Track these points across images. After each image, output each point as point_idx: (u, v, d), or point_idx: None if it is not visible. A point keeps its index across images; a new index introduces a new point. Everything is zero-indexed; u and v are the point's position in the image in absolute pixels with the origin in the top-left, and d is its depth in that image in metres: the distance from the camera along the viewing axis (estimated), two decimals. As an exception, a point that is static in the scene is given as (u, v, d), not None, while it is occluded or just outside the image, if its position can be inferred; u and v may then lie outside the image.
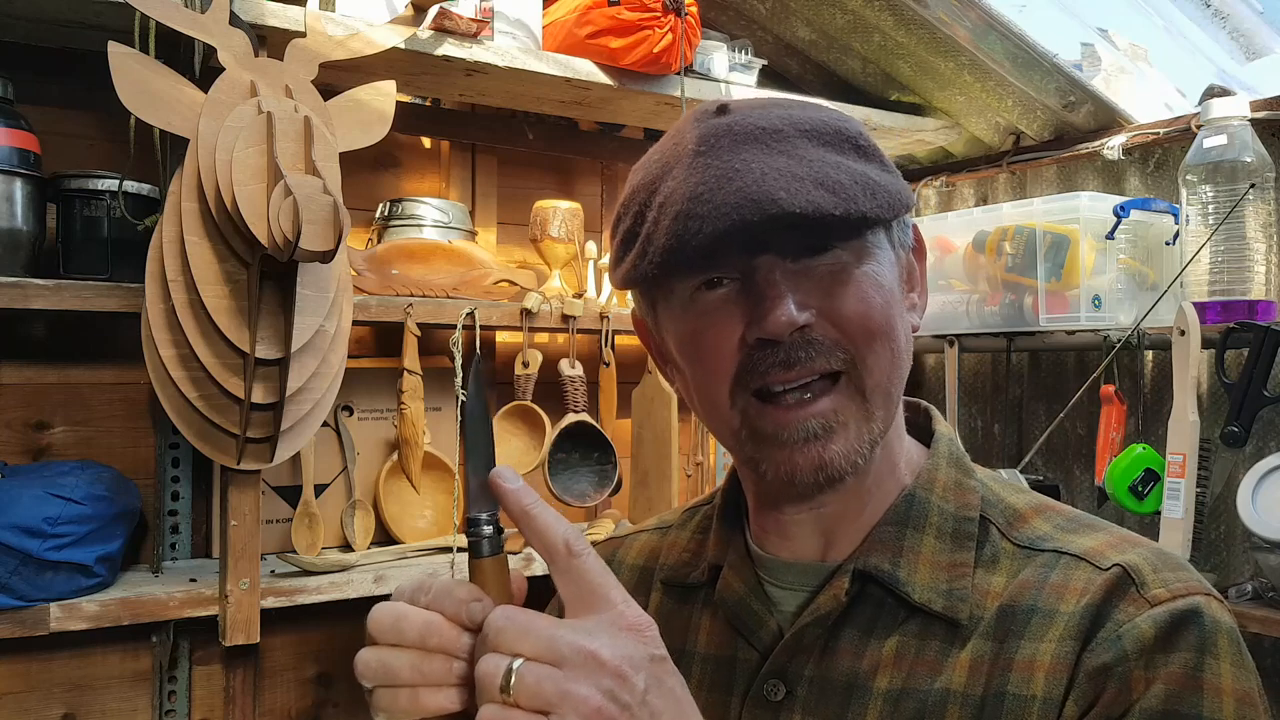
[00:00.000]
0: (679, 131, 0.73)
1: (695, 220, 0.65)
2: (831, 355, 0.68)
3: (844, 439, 0.69)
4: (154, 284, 1.34)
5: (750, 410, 0.70)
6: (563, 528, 0.58)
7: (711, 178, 0.66)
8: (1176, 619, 0.65)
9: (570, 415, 1.81)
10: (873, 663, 0.70)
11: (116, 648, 1.63)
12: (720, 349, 0.70)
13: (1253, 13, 1.96)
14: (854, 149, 0.70)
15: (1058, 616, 0.67)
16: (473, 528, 0.61)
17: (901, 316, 0.73)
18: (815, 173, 0.66)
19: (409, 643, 0.58)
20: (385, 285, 1.68)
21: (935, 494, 0.75)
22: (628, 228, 0.72)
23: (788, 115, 0.70)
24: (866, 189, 0.67)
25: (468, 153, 2.00)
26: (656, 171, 0.71)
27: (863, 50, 2.02)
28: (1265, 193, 1.58)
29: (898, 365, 0.72)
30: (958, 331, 1.94)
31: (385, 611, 0.60)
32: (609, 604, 0.57)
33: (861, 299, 0.69)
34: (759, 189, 0.64)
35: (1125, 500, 1.61)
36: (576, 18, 1.71)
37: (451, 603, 0.59)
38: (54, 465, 1.51)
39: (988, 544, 0.73)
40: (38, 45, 1.56)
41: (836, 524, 0.75)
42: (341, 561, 1.62)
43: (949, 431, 0.81)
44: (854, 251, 0.70)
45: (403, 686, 0.58)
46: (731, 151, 0.68)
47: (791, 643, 0.73)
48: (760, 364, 0.68)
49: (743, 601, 0.77)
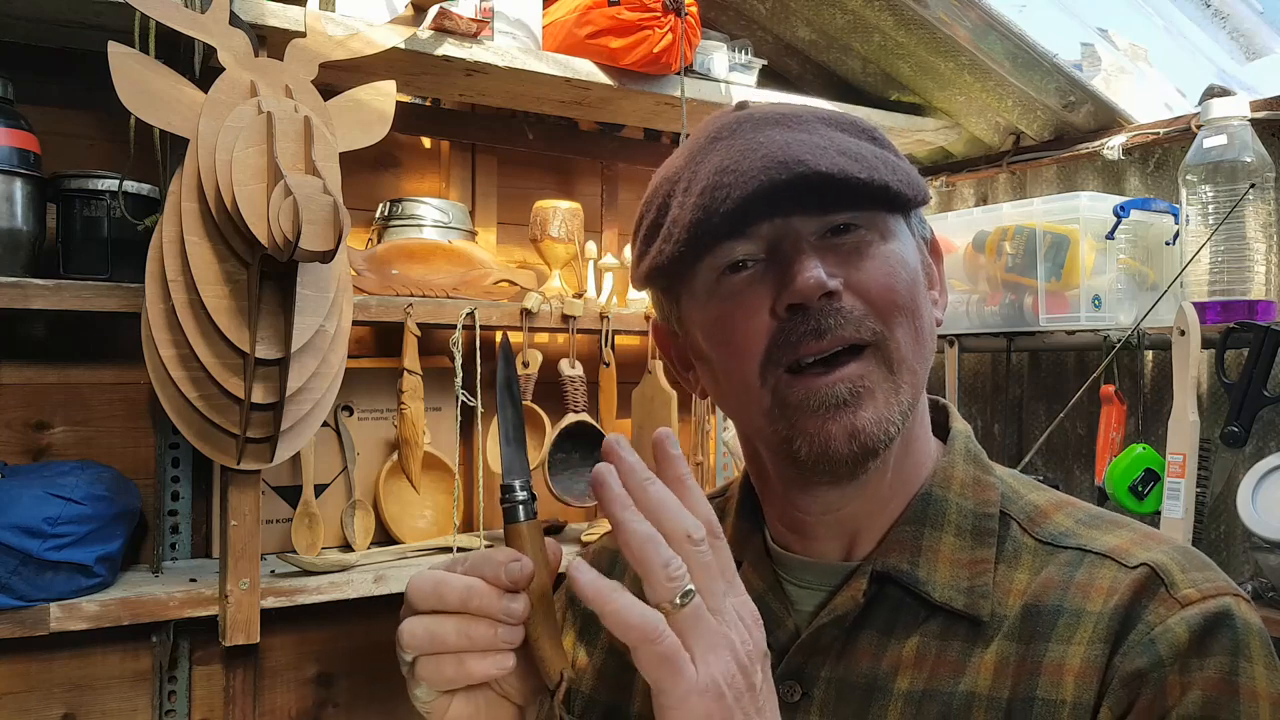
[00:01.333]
0: (699, 130, 0.75)
1: (722, 190, 0.66)
2: (861, 325, 0.69)
3: (873, 406, 0.69)
4: (154, 284, 1.34)
5: (780, 385, 0.70)
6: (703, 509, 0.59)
7: (736, 153, 0.68)
8: (1209, 621, 0.64)
9: (570, 415, 1.81)
10: (893, 663, 0.70)
11: (116, 648, 1.63)
12: (750, 327, 0.70)
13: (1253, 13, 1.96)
14: (870, 139, 0.73)
15: (1085, 617, 0.67)
16: (507, 494, 0.62)
17: (926, 299, 0.73)
18: (838, 145, 0.68)
19: (451, 607, 0.59)
20: (385, 285, 1.68)
21: (953, 491, 0.75)
22: (651, 221, 0.73)
23: (805, 107, 0.74)
24: (887, 165, 0.69)
25: (468, 153, 2.00)
26: (680, 164, 0.73)
27: (863, 50, 2.02)
28: (1265, 193, 1.58)
29: (922, 344, 0.72)
30: (958, 331, 1.94)
31: (425, 579, 0.60)
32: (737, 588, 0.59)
33: (887, 273, 0.70)
34: (785, 153, 0.66)
35: (1125, 500, 1.61)
36: (576, 18, 1.71)
37: (491, 566, 0.59)
38: (54, 465, 1.51)
39: (1009, 540, 0.73)
40: (38, 45, 1.56)
41: (860, 523, 0.75)
42: (341, 561, 1.62)
43: (966, 429, 0.80)
44: (878, 229, 0.71)
45: (448, 654, 0.59)
46: (754, 131, 0.70)
47: (808, 643, 0.72)
48: (792, 334, 0.69)
49: (761, 600, 0.75)
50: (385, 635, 0.96)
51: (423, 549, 1.74)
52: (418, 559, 1.71)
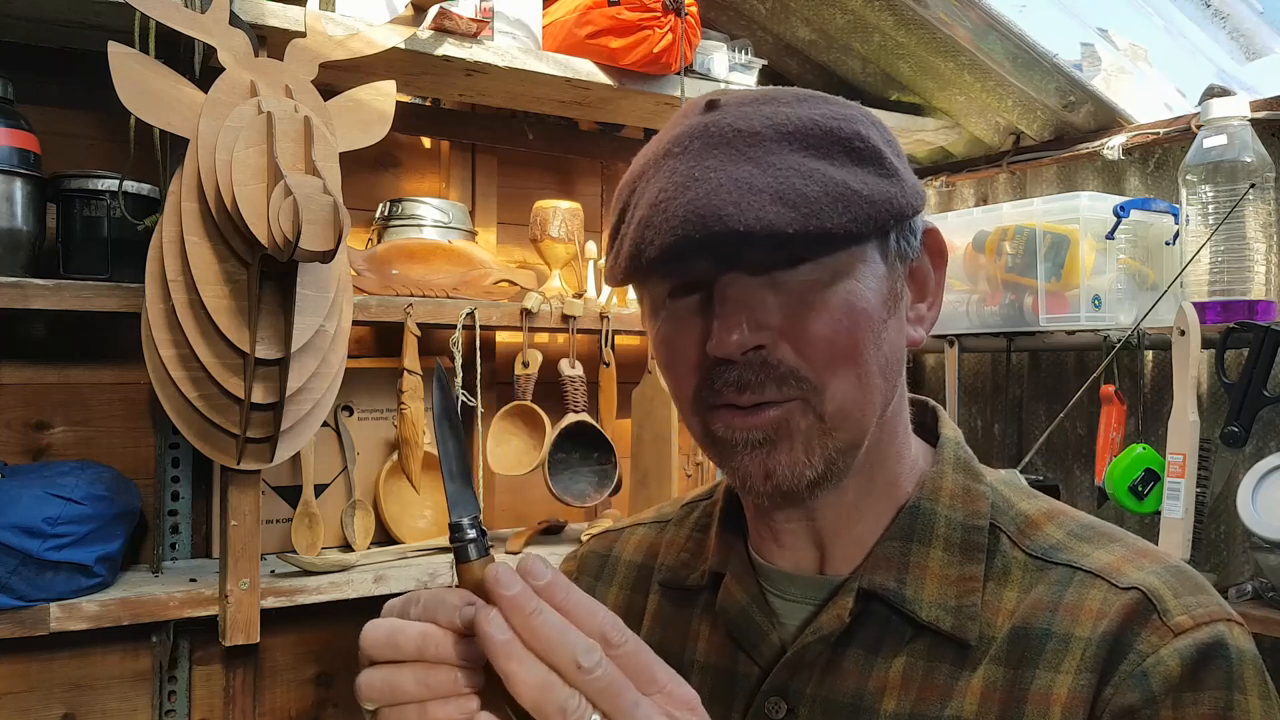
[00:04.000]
0: (668, 125, 0.72)
1: (651, 230, 0.64)
2: (785, 383, 0.66)
3: (789, 452, 0.66)
4: (154, 284, 1.34)
5: (706, 416, 0.69)
6: (600, 619, 0.54)
7: (672, 185, 0.65)
8: (1203, 652, 0.63)
9: (570, 415, 1.81)
10: (879, 684, 0.68)
11: (116, 648, 1.63)
12: (684, 360, 0.69)
13: (1253, 13, 1.96)
14: (845, 152, 0.66)
15: (1074, 642, 0.65)
16: (456, 533, 0.59)
17: (876, 339, 0.68)
18: (778, 184, 0.63)
19: (408, 656, 0.56)
20: (385, 285, 1.68)
21: (942, 503, 0.73)
22: (614, 224, 0.72)
23: (775, 113, 0.67)
24: (840, 201, 0.63)
25: (468, 153, 2.00)
26: (640, 167, 0.71)
27: (863, 50, 2.02)
28: (1265, 193, 1.58)
29: (866, 390, 0.68)
30: (958, 331, 1.94)
31: (378, 629, 0.58)
32: (658, 684, 0.55)
33: (828, 322, 0.66)
34: (707, 203, 0.62)
35: (1125, 500, 1.61)
36: (576, 18, 1.71)
37: (445, 610, 0.57)
38: (54, 465, 1.51)
39: (998, 554, 0.71)
40: (38, 45, 1.56)
41: (829, 535, 0.73)
42: (341, 561, 1.62)
43: (956, 434, 0.78)
44: (830, 268, 0.66)
45: (409, 703, 0.56)
46: (699, 156, 0.65)
47: (793, 660, 0.71)
48: (716, 380, 0.67)
49: (745, 613, 0.75)
50: (385, 635, 0.95)
51: (423, 549, 1.74)
52: (418, 559, 1.71)
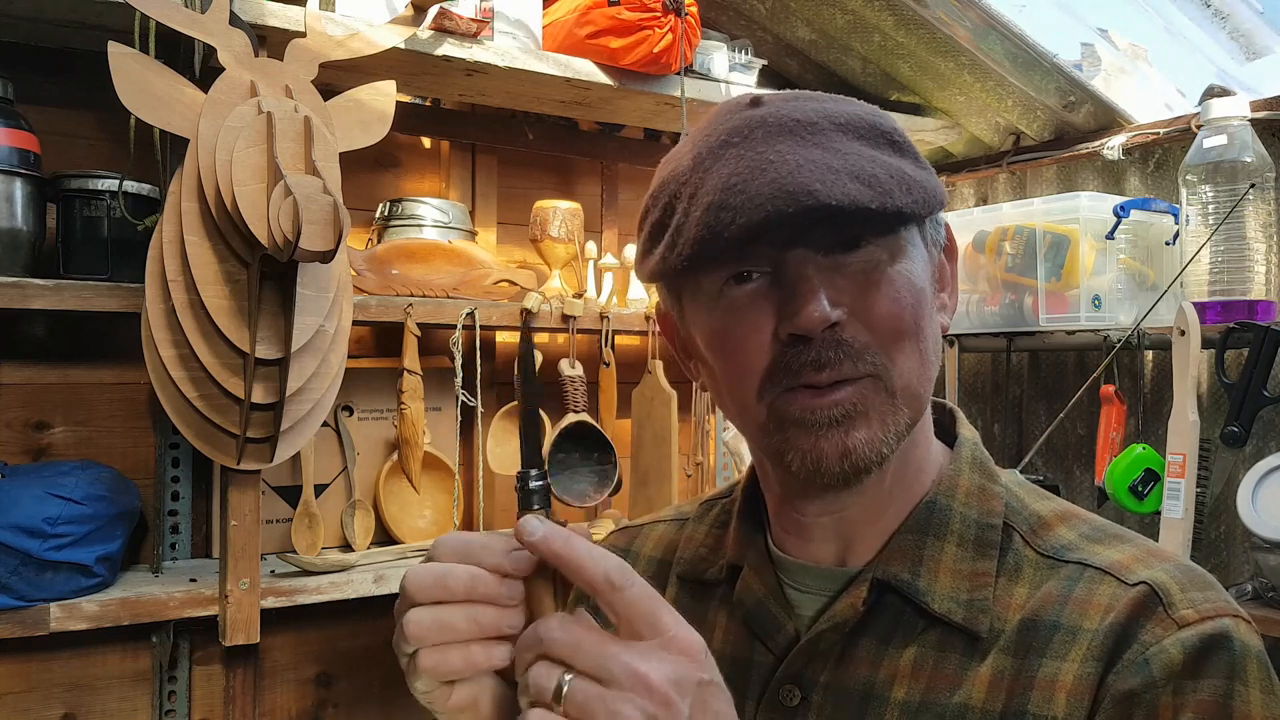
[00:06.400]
0: (710, 124, 0.72)
1: (729, 211, 0.64)
2: (861, 359, 0.67)
3: (867, 427, 0.68)
4: (154, 284, 1.34)
5: (777, 400, 0.69)
6: (603, 564, 0.56)
7: (745, 168, 0.65)
8: (1206, 643, 0.64)
9: (570, 415, 1.81)
10: (890, 673, 0.70)
11: (116, 648, 1.63)
12: (751, 345, 0.69)
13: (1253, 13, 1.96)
14: (889, 144, 0.69)
15: (1081, 634, 0.66)
16: (520, 482, 0.64)
17: (932, 317, 0.71)
18: (850, 165, 0.65)
19: (457, 596, 0.58)
20: (385, 285, 1.68)
21: (958, 500, 0.74)
22: (656, 219, 0.71)
23: (822, 108, 0.69)
24: (902, 184, 0.66)
25: (468, 153, 2.00)
26: (688, 163, 0.70)
27: (863, 50, 2.02)
28: (1265, 193, 1.58)
29: (926, 367, 0.70)
30: (958, 331, 1.94)
31: (424, 571, 0.59)
32: (661, 628, 0.56)
33: (894, 299, 0.68)
34: (794, 180, 0.63)
35: (1125, 500, 1.61)
36: (576, 18, 1.71)
37: (490, 555, 0.59)
38: (54, 465, 1.51)
39: (1010, 552, 0.72)
40: (38, 45, 1.56)
41: (856, 528, 0.74)
42: (341, 561, 1.62)
43: (973, 435, 0.79)
44: (888, 248, 0.69)
45: (454, 643, 0.58)
46: (765, 143, 0.66)
47: (807, 648, 0.72)
48: (793, 362, 0.67)
49: (762, 604, 0.76)
50: (385, 635, 0.96)
51: (422, 549, 1.74)
52: (417, 559, 1.70)
